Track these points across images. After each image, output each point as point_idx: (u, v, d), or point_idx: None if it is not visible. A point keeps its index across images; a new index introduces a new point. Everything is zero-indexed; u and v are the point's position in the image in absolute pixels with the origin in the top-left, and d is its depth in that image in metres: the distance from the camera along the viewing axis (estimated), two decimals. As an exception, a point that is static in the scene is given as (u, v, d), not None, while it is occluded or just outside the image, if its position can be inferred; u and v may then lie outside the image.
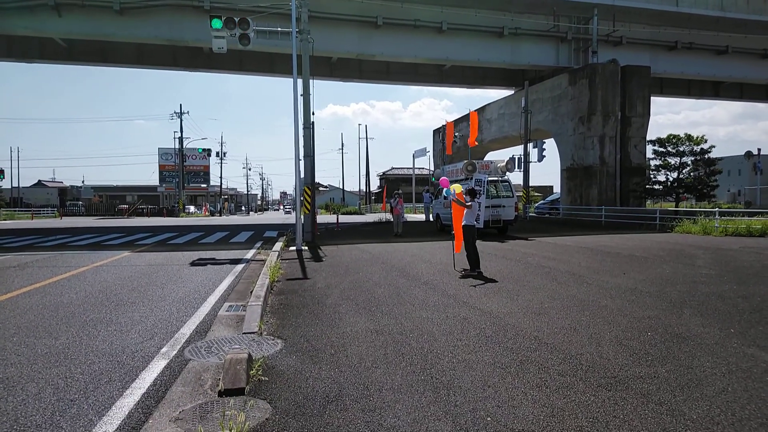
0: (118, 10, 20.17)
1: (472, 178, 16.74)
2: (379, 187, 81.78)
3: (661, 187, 24.03)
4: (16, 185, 63.31)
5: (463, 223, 9.05)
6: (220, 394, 3.60)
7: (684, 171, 23.26)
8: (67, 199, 69.91)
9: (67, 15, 20.46)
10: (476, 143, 22.83)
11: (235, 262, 11.25)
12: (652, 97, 25.85)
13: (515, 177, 29.47)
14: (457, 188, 9.32)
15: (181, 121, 53.82)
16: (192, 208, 58.40)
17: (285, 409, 3.38)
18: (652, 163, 24.47)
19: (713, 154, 23.26)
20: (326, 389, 3.70)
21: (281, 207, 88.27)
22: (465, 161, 18.63)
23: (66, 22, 20.60)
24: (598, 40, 24.82)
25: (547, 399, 3.46)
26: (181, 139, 54.47)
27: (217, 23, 13.35)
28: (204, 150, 62.95)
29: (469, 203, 8.92)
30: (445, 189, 9.80)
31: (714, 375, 3.90)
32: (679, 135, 23.23)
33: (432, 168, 45.83)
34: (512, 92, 31.62)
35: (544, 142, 28.47)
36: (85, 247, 14.88)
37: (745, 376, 3.87)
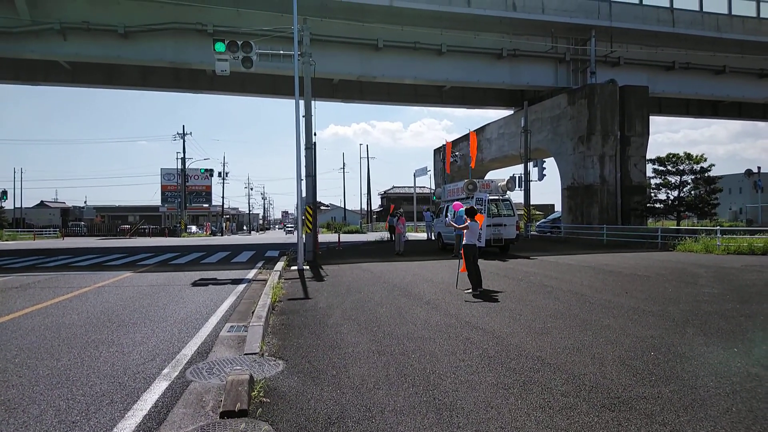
0: (122, 33, 20.51)
1: (472, 197, 16.82)
2: (380, 206, 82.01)
3: (662, 205, 24.09)
4: (19, 206, 63.59)
5: (464, 242, 9.07)
6: (222, 415, 3.58)
7: (684, 189, 23.34)
8: (69, 219, 70.13)
9: (72, 38, 20.79)
10: (476, 163, 23.01)
11: (237, 282, 11.24)
12: (650, 117, 26.07)
13: (516, 196, 29.55)
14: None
15: (183, 142, 54.28)
16: (194, 228, 58.49)
17: (287, 431, 3.36)
18: (653, 181, 24.59)
19: (713, 173, 23.37)
20: (328, 411, 3.68)
21: (284, 226, 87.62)
22: (466, 180, 18.73)
23: (71, 45, 20.93)
24: (596, 61, 25.11)
25: (550, 420, 3.45)
26: (183, 160, 54.88)
27: (220, 46, 13.57)
28: (206, 170, 63.28)
29: (466, 224, 8.97)
30: (458, 210, 9.88)
31: (718, 395, 3.87)
32: (678, 154, 23.38)
33: (433, 187, 45.98)
34: (512, 112, 31.89)
35: (545, 161, 28.62)
36: (87, 267, 14.90)
37: (749, 396, 3.85)
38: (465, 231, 9.01)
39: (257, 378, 4.33)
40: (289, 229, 66.45)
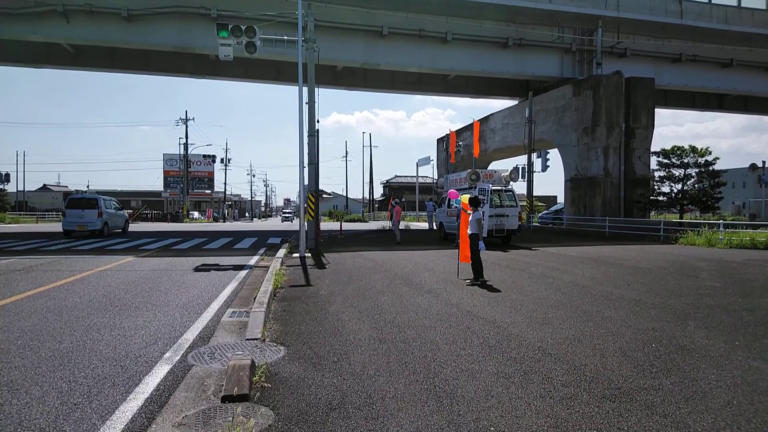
0: (125, 16, 20.38)
1: (476, 187, 16.77)
2: (382, 195, 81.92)
3: (665, 198, 24.04)
4: (22, 189, 63.65)
5: (469, 232, 9.05)
6: (223, 400, 3.59)
7: (688, 183, 23.26)
8: (71, 203, 70.04)
9: (74, 21, 20.67)
10: (480, 153, 22.91)
11: (239, 268, 11.26)
12: (656, 109, 25.91)
13: (519, 187, 29.47)
14: (464, 198, 9.37)
15: (186, 127, 54.16)
16: (196, 214, 58.52)
17: (288, 416, 3.37)
18: (657, 174, 24.51)
19: (717, 167, 23.28)
20: (329, 397, 3.70)
21: (283, 212, 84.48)
22: (469, 170, 18.66)
23: (74, 28, 20.81)
24: (602, 52, 24.90)
25: (551, 410, 3.45)
26: (186, 145, 54.79)
27: (224, 31, 13.46)
28: (208, 156, 63.20)
29: (477, 217, 8.96)
30: (453, 200, 9.86)
31: (719, 388, 3.87)
32: (683, 147, 23.32)
33: (436, 177, 45.89)
34: (516, 102, 31.72)
35: (548, 153, 28.51)
36: (89, 251, 14.93)
37: (750, 389, 3.85)
38: (471, 221, 8.98)
39: (259, 363, 4.34)
40: (287, 215, 63.52)
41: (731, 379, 4.05)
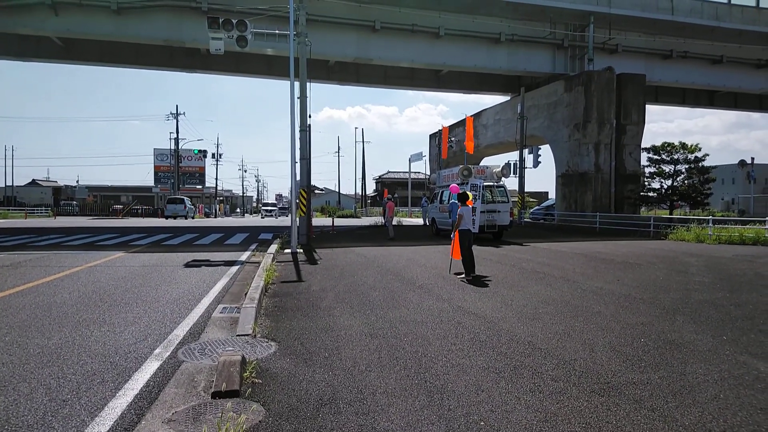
0: (115, 9, 20.13)
1: (467, 183, 16.80)
2: (375, 191, 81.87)
3: (655, 194, 24.23)
4: (10, 184, 62.98)
5: (459, 228, 9.07)
6: (214, 396, 3.59)
7: (678, 179, 23.44)
8: (61, 198, 69.47)
9: (64, 14, 20.40)
10: (472, 149, 22.94)
11: (230, 264, 11.22)
12: (647, 105, 26.03)
13: (511, 182, 29.50)
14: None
15: (177, 122, 53.80)
16: (187, 210, 58.02)
17: (278, 411, 3.37)
18: (647, 170, 24.68)
19: (707, 163, 23.49)
20: (320, 392, 3.70)
21: (259, 207, 72.98)
22: (461, 166, 18.69)
23: (63, 21, 20.53)
24: (594, 48, 24.95)
25: (540, 404, 3.47)
26: (176, 140, 54.47)
27: (214, 25, 13.35)
28: (199, 151, 62.75)
29: (463, 207, 8.97)
30: (453, 194, 9.91)
31: (706, 382, 3.92)
32: (673, 143, 23.48)
33: (428, 172, 45.93)
34: (508, 98, 31.74)
35: (540, 148, 28.57)
36: (78, 247, 14.81)
37: (737, 383, 3.90)
38: (461, 214, 9.00)
39: (249, 359, 4.33)
40: (269, 211, 57.06)
41: (718, 374, 4.10)
